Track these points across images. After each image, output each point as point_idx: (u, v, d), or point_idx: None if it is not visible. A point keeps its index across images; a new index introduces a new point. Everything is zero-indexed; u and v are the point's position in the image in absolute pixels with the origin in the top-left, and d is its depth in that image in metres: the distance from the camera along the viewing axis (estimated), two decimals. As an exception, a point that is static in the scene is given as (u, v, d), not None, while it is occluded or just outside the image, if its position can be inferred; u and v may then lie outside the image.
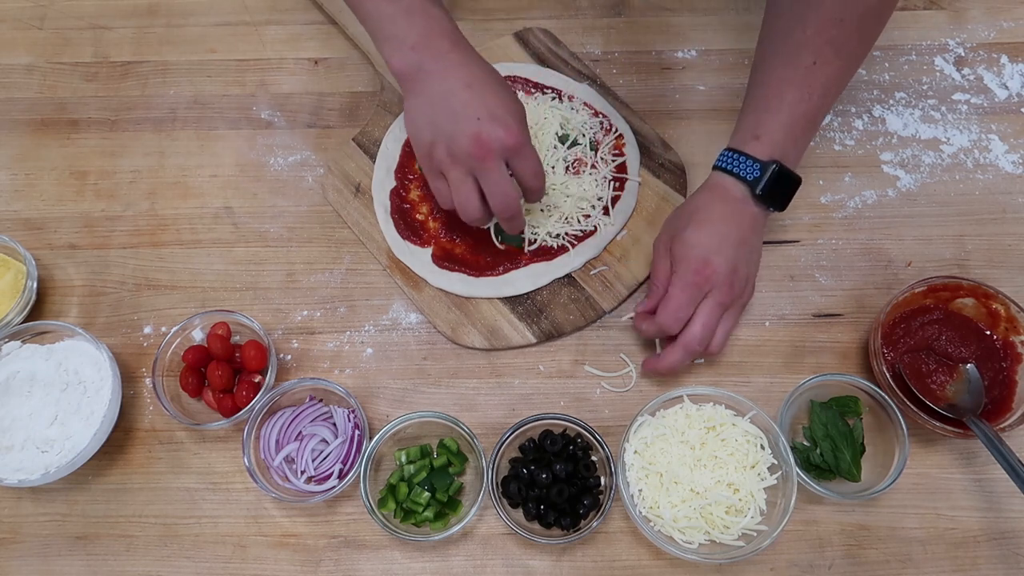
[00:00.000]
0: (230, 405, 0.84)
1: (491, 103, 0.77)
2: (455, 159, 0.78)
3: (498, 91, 0.78)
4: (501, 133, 0.76)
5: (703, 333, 0.81)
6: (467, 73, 0.78)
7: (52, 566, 0.82)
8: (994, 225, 0.95)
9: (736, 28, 1.07)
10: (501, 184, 0.78)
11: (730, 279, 0.80)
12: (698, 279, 0.80)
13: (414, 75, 0.79)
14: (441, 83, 0.78)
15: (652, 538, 0.77)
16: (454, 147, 0.77)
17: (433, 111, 0.78)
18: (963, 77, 1.04)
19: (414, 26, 0.78)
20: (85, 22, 1.09)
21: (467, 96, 0.77)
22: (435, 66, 0.78)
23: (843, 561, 0.80)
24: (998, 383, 0.84)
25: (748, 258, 0.83)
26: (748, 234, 0.82)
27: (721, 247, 0.80)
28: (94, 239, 0.96)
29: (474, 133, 0.75)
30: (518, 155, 0.78)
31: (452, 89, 0.77)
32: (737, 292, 0.82)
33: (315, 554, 0.82)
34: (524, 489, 0.80)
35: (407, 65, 0.79)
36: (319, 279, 0.93)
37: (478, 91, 0.77)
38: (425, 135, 0.79)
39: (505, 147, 0.76)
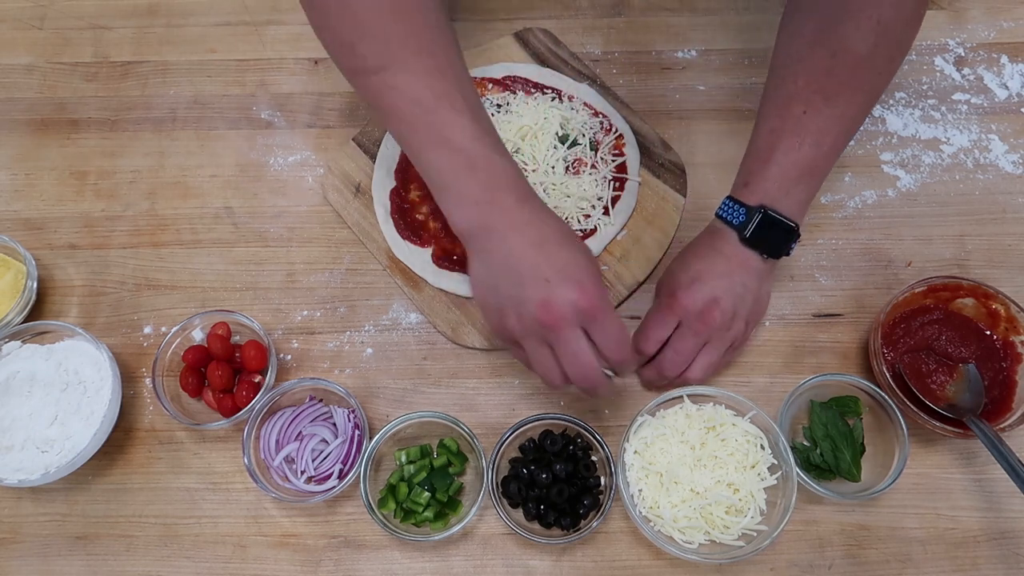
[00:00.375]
0: (230, 405, 0.84)
1: (561, 262, 0.70)
2: (526, 328, 0.71)
3: (569, 248, 0.72)
4: (573, 295, 0.68)
5: (673, 357, 0.82)
6: (534, 231, 0.71)
7: (52, 566, 0.82)
8: (994, 225, 0.95)
9: (736, 28, 1.07)
10: (577, 355, 0.70)
11: (707, 308, 0.80)
12: (670, 303, 0.81)
13: (477, 234, 0.72)
14: (506, 243, 0.71)
15: (652, 538, 0.77)
16: (523, 314, 0.70)
17: (499, 275, 0.71)
18: (963, 77, 1.04)
19: (477, 180, 0.71)
20: (85, 22, 1.09)
21: (535, 256, 0.70)
22: (500, 224, 0.71)
23: (843, 561, 0.80)
24: (998, 383, 0.84)
25: (736, 296, 0.80)
26: (737, 273, 0.81)
27: (702, 277, 0.81)
28: (94, 239, 0.96)
29: (543, 299, 0.69)
30: (594, 320, 0.70)
31: (518, 249, 0.70)
32: (715, 325, 0.80)
33: (315, 554, 0.82)
34: (524, 489, 0.80)
35: (470, 223, 0.72)
36: (319, 279, 0.93)
37: (547, 250, 0.70)
38: (492, 301, 0.73)
39: (579, 311, 0.69)
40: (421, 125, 0.72)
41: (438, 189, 0.74)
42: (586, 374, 0.71)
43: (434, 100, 0.71)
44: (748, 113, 1.01)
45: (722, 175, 0.97)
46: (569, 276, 0.69)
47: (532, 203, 0.73)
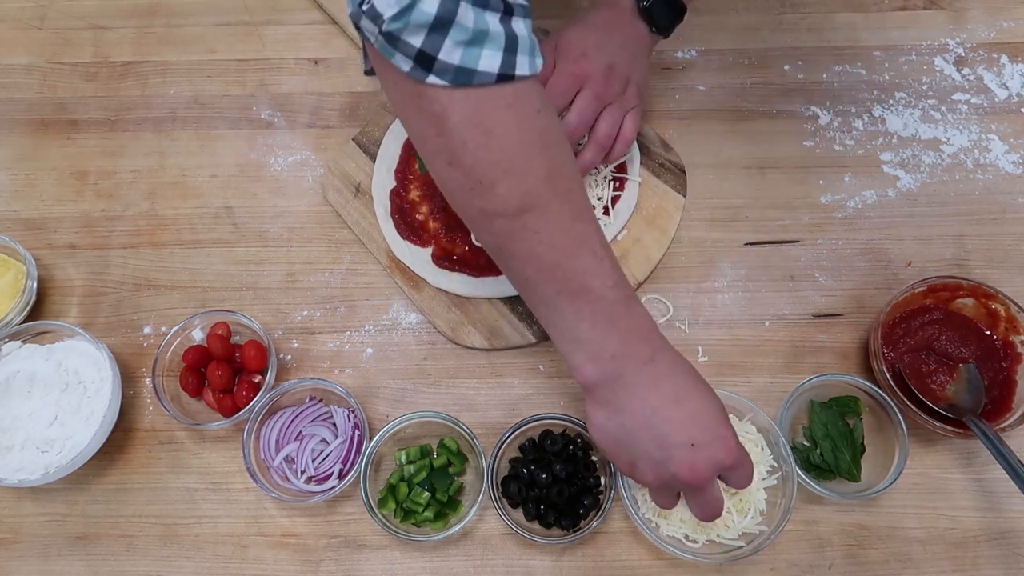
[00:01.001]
0: (230, 405, 0.84)
1: (703, 420, 0.68)
2: (663, 482, 0.70)
3: (704, 400, 0.69)
4: (720, 456, 0.67)
5: (577, 120, 0.84)
6: (672, 387, 0.68)
7: (52, 566, 0.82)
8: (994, 225, 0.95)
9: (736, 28, 1.07)
10: (711, 502, 0.70)
11: (606, 74, 0.84)
12: (575, 69, 0.84)
13: (609, 385, 0.69)
14: (645, 401, 0.68)
15: (652, 538, 0.77)
16: (664, 474, 0.69)
17: (635, 433, 0.69)
18: (963, 77, 1.04)
19: (616, 333, 0.68)
20: (85, 22, 1.09)
21: (679, 417, 0.67)
22: (637, 379, 0.68)
23: (843, 561, 0.80)
24: (998, 383, 0.84)
25: (630, 62, 0.86)
26: (631, 42, 0.86)
27: (600, 45, 0.84)
28: (94, 239, 0.96)
29: (690, 463, 0.67)
30: (734, 471, 0.69)
31: (661, 410, 0.67)
32: (615, 89, 0.85)
33: (315, 554, 0.82)
34: (524, 489, 0.80)
35: (604, 375, 0.69)
36: (319, 279, 0.93)
37: (687, 408, 0.68)
38: (624, 455, 0.71)
39: (721, 467, 0.68)
40: (560, 272, 0.67)
41: (570, 340, 0.69)
42: (716, 514, 0.71)
43: (575, 246, 0.67)
44: (748, 113, 1.01)
45: (722, 175, 0.98)
46: (714, 435, 0.67)
47: (665, 353, 0.70)
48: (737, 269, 0.93)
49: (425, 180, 0.95)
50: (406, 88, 0.63)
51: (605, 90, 0.84)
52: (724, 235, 0.95)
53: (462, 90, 0.61)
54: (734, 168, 0.98)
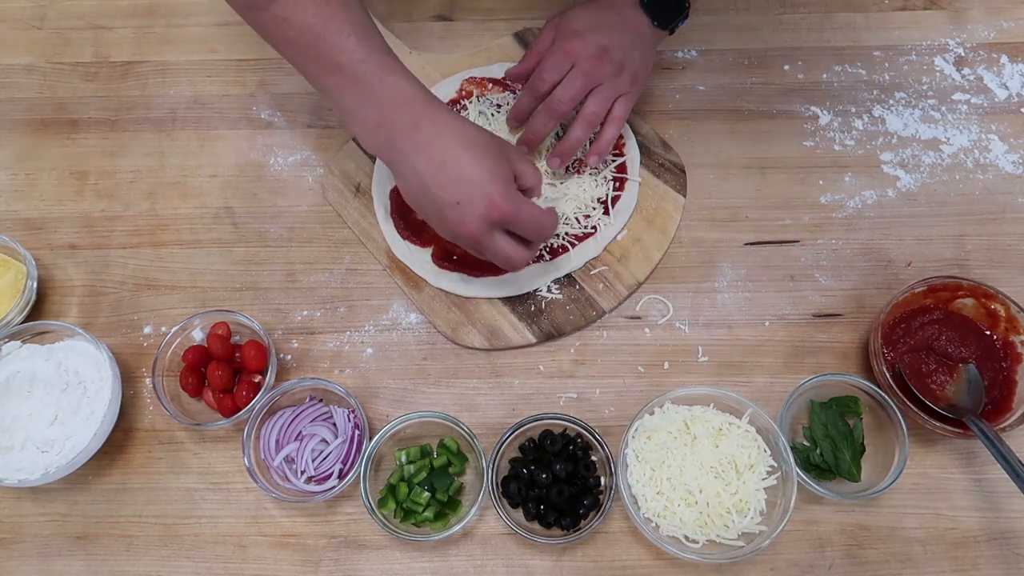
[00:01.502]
0: (230, 405, 0.84)
1: (465, 179, 0.74)
2: (458, 240, 0.78)
3: (472, 161, 0.74)
4: (483, 210, 0.73)
5: (563, 94, 0.86)
6: (437, 151, 0.74)
7: (52, 566, 0.82)
8: (994, 225, 0.95)
9: (736, 28, 1.07)
10: (498, 253, 0.77)
11: (599, 55, 0.85)
12: (568, 47, 0.86)
13: (387, 155, 0.77)
14: (414, 167, 0.75)
15: (652, 538, 0.77)
16: (448, 233, 0.78)
17: (417, 196, 0.77)
18: (963, 77, 1.04)
19: (373, 104, 0.75)
20: (85, 22, 1.09)
21: (442, 179, 0.74)
22: (404, 146, 0.75)
23: (843, 561, 0.80)
24: (998, 383, 0.84)
25: (626, 48, 0.87)
26: (630, 30, 0.88)
27: (597, 27, 0.86)
28: (94, 239, 0.96)
29: (458, 220, 0.74)
30: (511, 223, 0.76)
31: (427, 173, 0.74)
32: (606, 70, 0.86)
33: (315, 554, 0.82)
34: (524, 489, 0.80)
35: (377, 146, 0.77)
36: (319, 279, 0.93)
37: (451, 170, 0.74)
38: (427, 214, 0.79)
39: (491, 223, 0.74)
40: (312, 53, 0.75)
41: (342, 115, 0.78)
42: (513, 263, 0.78)
43: (321, 27, 0.74)
44: (748, 113, 1.01)
45: (722, 175, 0.98)
46: (477, 192, 0.73)
47: (432, 120, 0.75)
48: (737, 269, 0.93)
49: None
50: None
51: (595, 70, 0.86)
52: (724, 235, 0.95)
53: None
54: (734, 168, 0.98)
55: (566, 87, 0.86)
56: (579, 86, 0.86)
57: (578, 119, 0.88)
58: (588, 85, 0.86)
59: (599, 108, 0.87)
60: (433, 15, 1.08)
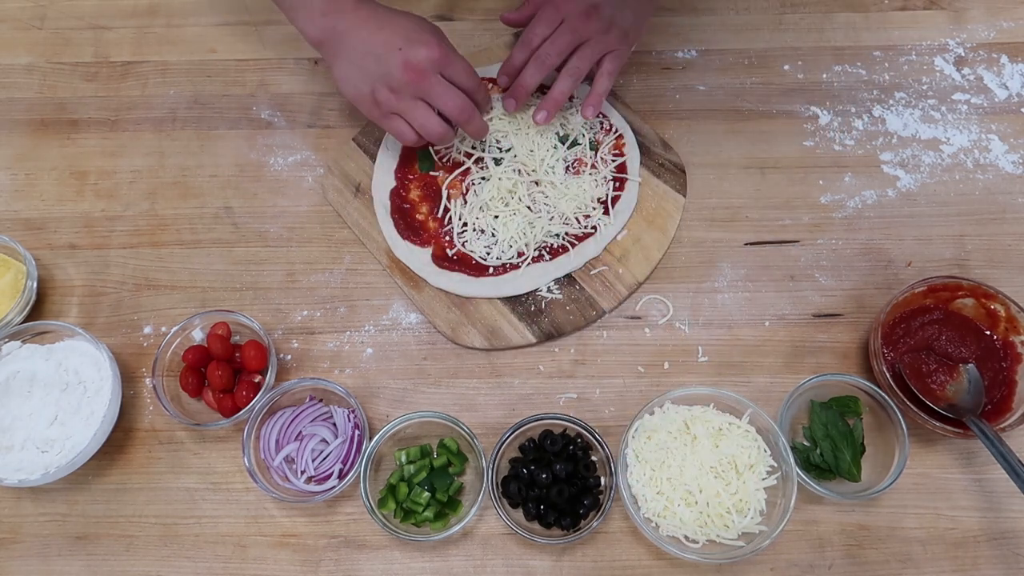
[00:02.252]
0: (230, 405, 0.84)
1: (405, 31, 0.83)
2: (398, 92, 0.84)
3: (409, 20, 0.85)
4: (424, 51, 0.82)
5: (548, 48, 0.90)
6: (376, 20, 0.84)
7: (52, 566, 0.82)
8: (994, 225, 0.95)
9: (736, 28, 1.07)
10: (447, 93, 0.84)
11: (587, 12, 0.89)
12: (559, 2, 0.90)
13: (330, 39, 0.85)
14: (356, 37, 0.84)
15: (652, 538, 0.77)
16: (391, 83, 0.83)
17: (359, 63, 0.84)
18: (963, 77, 1.04)
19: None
20: (85, 22, 1.09)
21: (383, 36, 0.83)
22: (346, 25, 0.84)
23: (843, 561, 0.80)
24: (998, 383, 0.84)
25: (619, 5, 0.90)
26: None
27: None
28: (94, 239, 0.96)
29: (402, 62, 0.82)
30: (448, 66, 0.84)
31: (367, 37, 0.83)
32: (594, 27, 0.90)
33: (315, 554, 0.82)
34: (524, 489, 0.80)
35: (322, 32, 0.85)
36: (319, 279, 0.93)
37: (390, 27, 0.83)
38: (363, 88, 0.85)
39: (433, 61, 0.83)
40: None
41: (287, 9, 0.86)
42: (460, 106, 0.85)
43: None
44: (748, 113, 1.01)
45: (722, 175, 0.98)
46: (415, 39, 0.83)
47: (370, 3, 0.85)
48: (737, 269, 0.93)
49: (425, 180, 0.95)
50: None
51: (583, 27, 0.90)
52: (724, 235, 0.95)
53: None
54: (734, 168, 0.98)
55: (554, 42, 0.90)
56: (567, 41, 0.90)
57: (562, 72, 0.91)
58: (575, 41, 0.91)
59: (583, 63, 0.91)
60: (433, 15, 1.08)
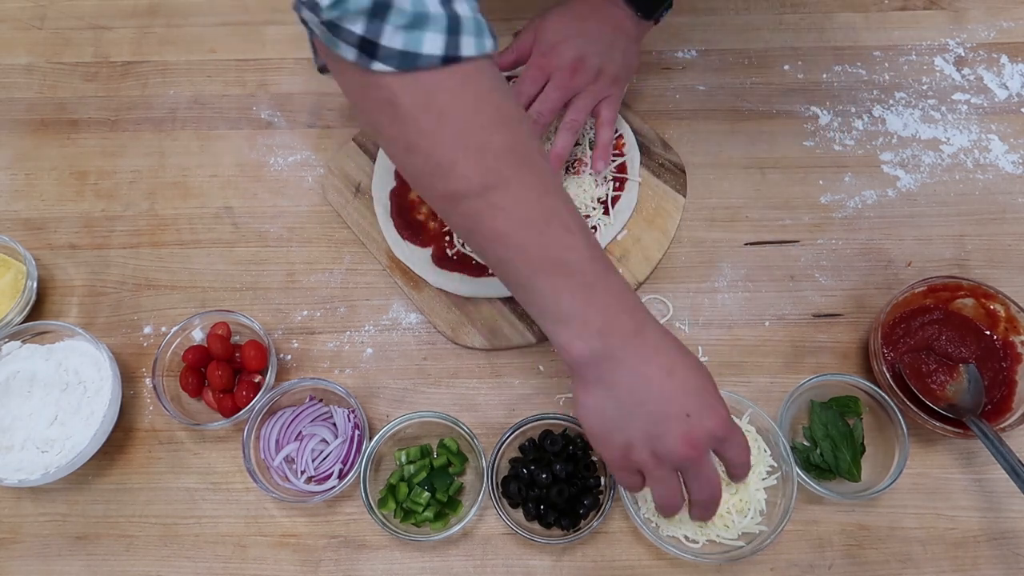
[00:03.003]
0: (230, 405, 0.84)
1: (693, 390, 0.67)
2: (661, 461, 0.67)
3: (694, 370, 0.68)
4: (711, 425, 0.66)
5: (540, 108, 0.87)
6: (664, 359, 0.67)
7: (52, 566, 0.82)
8: (994, 225, 0.95)
9: (736, 28, 1.07)
10: (711, 478, 0.68)
11: (573, 65, 0.86)
12: (542, 62, 0.87)
13: (599, 363, 0.66)
14: (636, 373, 0.66)
15: (652, 538, 0.77)
16: (661, 450, 0.66)
17: (627, 408, 0.66)
18: (963, 77, 1.04)
19: (597, 307, 0.66)
20: (85, 22, 1.09)
21: (670, 388, 0.66)
22: (626, 353, 0.66)
23: (843, 561, 0.80)
24: (998, 383, 0.84)
25: (603, 52, 0.87)
26: (609, 31, 0.87)
27: (571, 36, 0.86)
28: (94, 239, 0.96)
29: (685, 434, 0.65)
30: (727, 441, 0.68)
31: (654, 383, 0.66)
32: (582, 80, 0.87)
33: (315, 554, 0.82)
34: (524, 489, 0.80)
35: (593, 353, 0.66)
36: (319, 279, 0.93)
37: (679, 379, 0.66)
38: (618, 436, 0.67)
39: (716, 438, 0.67)
40: (533, 248, 0.65)
41: (554, 320, 0.67)
42: (714, 493, 0.69)
43: (544, 221, 0.64)
44: (748, 113, 1.01)
45: (722, 175, 0.98)
46: (705, 405, 0.66)
47: (652, 325, 0.68)
48: (737, 269, 0.93)
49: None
50: (355, 77, 0.64)
51: (571, 82, 0.87)
52: (724, 235, 0.95)
53: (410, 75, 0.61)
54: (734, 168, 0.98)
55: (543, 101, 0.87)
56: (556, 98, 0.87)
57: (560, 129, 0.89)
58: (565, 97, 0.88)
59: (579, 115, 0.88)
60: (433, 15, 1.08)
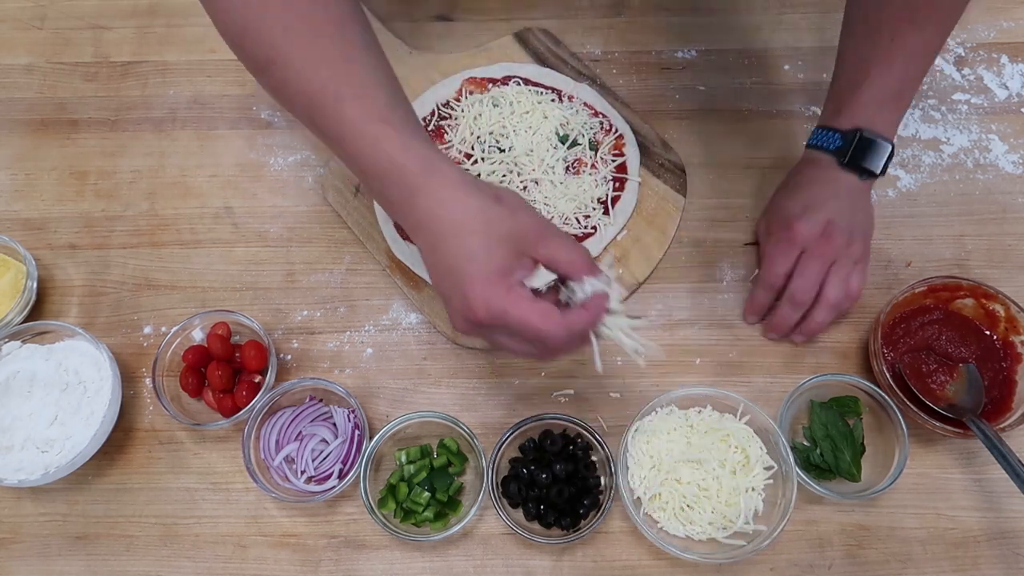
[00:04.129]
0: (230, 405, 0.84)
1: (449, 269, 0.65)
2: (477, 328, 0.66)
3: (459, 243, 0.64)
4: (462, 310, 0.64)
5: (804, 283, 0.84)
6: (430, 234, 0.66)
7: (52, 566, 0.82)
8: (994, 225, 0.95)
9: (736, 28, 1.07)
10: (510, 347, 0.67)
11: (825, 231, 0.83)
12: (790, 235, 0.84)
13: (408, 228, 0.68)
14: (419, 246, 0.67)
15: (652, 538, 0.77)
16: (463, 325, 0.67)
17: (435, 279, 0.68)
18: (963, 77, 1.04)
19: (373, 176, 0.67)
20: (85, 22, 1.09)
21: (432, 267, 0.67)
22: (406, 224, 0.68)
23: (843, 561, 0.80)
24: (998, 383, 0.84)
25: (848, 213, 0.84)
26: (843, 193, 0.84)
27: (812, 204, 0.84)
28: (94, 239, 0.96)
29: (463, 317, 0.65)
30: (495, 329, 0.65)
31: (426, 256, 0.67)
32: (837, 245, 0.83)
33: (315, 554, 0.82)
34: (524, 489, 0.80)
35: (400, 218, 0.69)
36: (319, 279, 0.93)
37: (441, 255, 0.65)
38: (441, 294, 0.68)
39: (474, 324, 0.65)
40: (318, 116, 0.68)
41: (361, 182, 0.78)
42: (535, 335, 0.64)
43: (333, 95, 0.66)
44: (748, 113, 1.01)
45: (722, 175, 0.98)
46: (456, 290, 0.64)
47: (424, 193, 0.65)
48: (737, 269, 0.93)
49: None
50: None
51: (826, 248, 0.83)
52: (724, 235, 0.95)
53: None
54: (734, 168, 0.98)
55: (804, 276, 0.83)
56: (815, 271, 0.83)
57: (821, 303, 0.84)
58: (824, 266, 0.83)
59: (841, 291, 0.83)
60: (433, 15, 1.08)
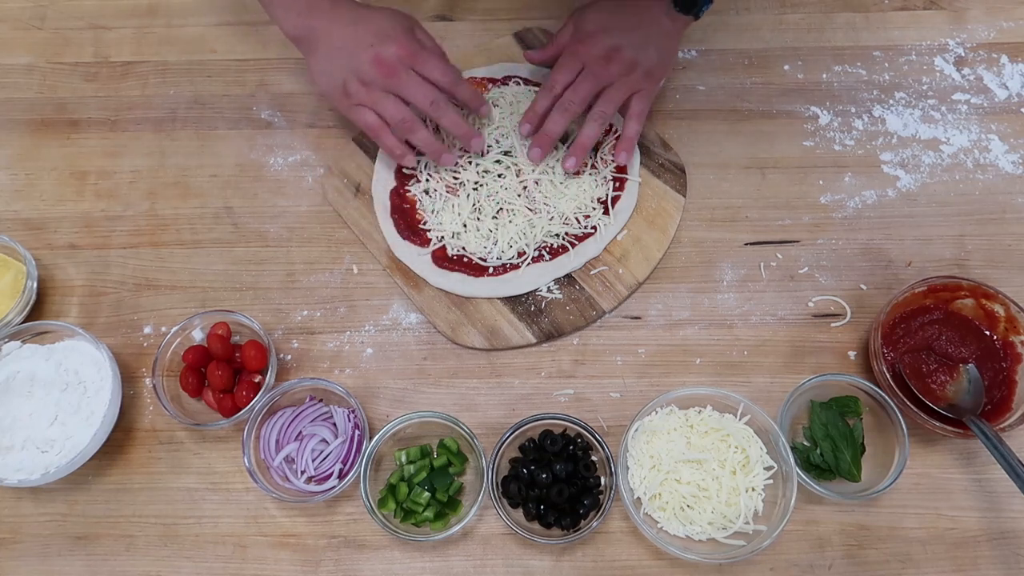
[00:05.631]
0: (230, 405, 0.84)
1: (377, 28, 0.86)
2: (368, 85, 0.86)
3: (384, 18, 0.87)
4: (393, 48, 0.85)
5: (572, 96, 0.90)
6: (351, 17, 0.87)
7: (52, 566, 0.82)
8: (994, 225, 0.95)
9: (736, 28, 1.07)
10: (416, 86, 0.86)
11: (607, 55, 0.89)
12: (578, 49, 0.91)
13: (306, 36, 0.89)
14: (330, 34, 0.87)
15: (652, 538, 0.77)
16: (362, 76, 0.86)
17: (332, 58, 0.87)
18: (963, 77, 1.04)
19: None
20: (85, 22, 1.09)
21: (355, 31, 0.86)
22: (322, 23, 0.87)
23: (843, 561, 0.80)
24: (998, 383, 0.84)
25: (639, 45, 0.90)
26: (645, 26, 0.90)
27: (609, 27, 0.90)
28: (94, 239, 0.96)
29: (372, 57, 0.85)
30: (419, 63, 0.86)
31: (342, 33, 0.87)
32: (615, 70, 0.89)
33: (315, 554, 0.82)
34: (524, 489, 0.80)
35: (298, 28, 0.89)
36: (319, 279, 0.93)
37: (364, 24, 0.86)
38: (334, 80, 0.87)
39: (402, 58, 0.85)
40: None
41: (266, 4, 0.90)
42: (430, 97, 0.86)
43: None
44: (748, 113, 1.01)
45: (722, 175, 0.98)
46: (387, 35, 0.86)
47: (346, 2, 0.88)
48: (737, 269, 0.93)
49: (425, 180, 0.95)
50: None
51: (604, 71, 0.89)
52: (724, 235, 0.95)
53: None
54: (734, 168, 0.98)
55: (576, 89, 0.90)
56: (588, 87, 0.90)
57: (588, 118, 0.90)
58: (598, 86, 0.90)
59: (608, 107, 0.90)
60: (433, 15, 1.09)
